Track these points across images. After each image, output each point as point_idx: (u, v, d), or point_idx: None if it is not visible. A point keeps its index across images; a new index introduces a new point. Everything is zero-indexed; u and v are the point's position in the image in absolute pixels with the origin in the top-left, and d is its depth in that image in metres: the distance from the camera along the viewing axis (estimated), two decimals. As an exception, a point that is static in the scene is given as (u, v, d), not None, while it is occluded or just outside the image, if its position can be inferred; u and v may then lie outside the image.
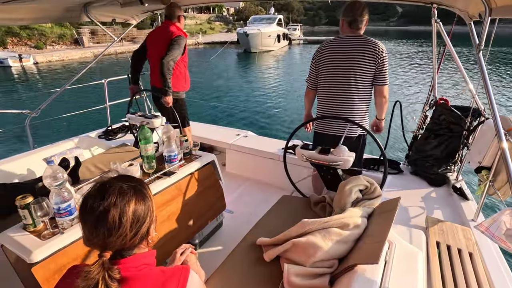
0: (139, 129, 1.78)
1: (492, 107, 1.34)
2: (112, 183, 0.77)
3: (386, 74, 1.97)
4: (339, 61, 1.99)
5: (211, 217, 2.11)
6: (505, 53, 21.55)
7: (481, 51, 1.44)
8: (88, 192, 0.77)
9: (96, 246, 0.75)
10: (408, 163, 2.70)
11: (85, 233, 0.75)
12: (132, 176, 0.84)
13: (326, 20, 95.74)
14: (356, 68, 1.95)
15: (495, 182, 1.77)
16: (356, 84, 1.98)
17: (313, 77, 2.15)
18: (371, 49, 1.91)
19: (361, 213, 1.38)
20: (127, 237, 0.75)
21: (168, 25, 2.77)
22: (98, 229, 0.72)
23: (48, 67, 18.59)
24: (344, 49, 1.97)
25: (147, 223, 0.80)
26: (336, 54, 1.99)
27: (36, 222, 1.29)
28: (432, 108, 2.63)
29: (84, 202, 0.75)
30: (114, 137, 3.38)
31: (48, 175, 1.23)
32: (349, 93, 2.01)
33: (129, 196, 0.76)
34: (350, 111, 2.04)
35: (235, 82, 13.92)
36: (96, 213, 0.72)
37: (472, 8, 1.80)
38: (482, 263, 1.48)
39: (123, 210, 0.74)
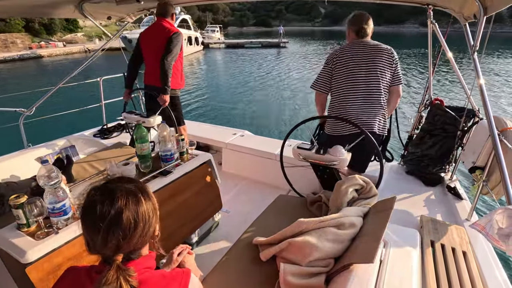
0: (135, 128, 1.77)
1: (486, 107, 1.36)
2: (117, 185, 0.75)
3: (400, 74, 2.10)
4: (359, 64, 2.03)
5: (207, 216, 2.10)
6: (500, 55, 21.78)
7: (475, 52, 1.46)
8: (91, 198, 0.73)
9: (109, 251, 0.72)
10: (403, 163, 2.72)
11: (95, 241, 0.71)
12: (129, 177, 0.84)
13: (254, 20, 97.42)
14: (378, 71, 2.02)
15: (488, 182, 1.79)
16: (378, 85, 2.04)
17: (327, 80, 2.14)
18: (387, 53, 2.03)
19: (357, 213, 1.39)
20: (140, 238, 0.74)
21: (162, 23, 2.74)
22: (113, 233, 0.70)
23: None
24: (363, 52, 2.03)
25: (155, 222, 0.80)
26: (355, 57, 2.03)
27: (30, 222, 1.27)
28: (427, 108, 2.65)
29: (90, 210, 0.71)
30: (110, 136, 3.35)
31: (42, 175, 1.21)
32: (371, 95, 2.05)
33: (138, 196, 0.75)
34: (371, 112, 2.07)
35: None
36: (109, 218, 0.69)
37: (467, 9, 1.82)
38: (475, 262, 1.50)
39: (135, 210, 0.73)
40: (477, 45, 1.47)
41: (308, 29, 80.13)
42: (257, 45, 32.91)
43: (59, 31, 32.53)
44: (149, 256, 0.81)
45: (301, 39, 45.78)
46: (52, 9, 2.55)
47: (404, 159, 2.71)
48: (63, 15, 2.77)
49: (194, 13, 62.82)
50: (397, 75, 2.08)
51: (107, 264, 0.72)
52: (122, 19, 3.20)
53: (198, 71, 17.55)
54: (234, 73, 16.43)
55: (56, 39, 30.78)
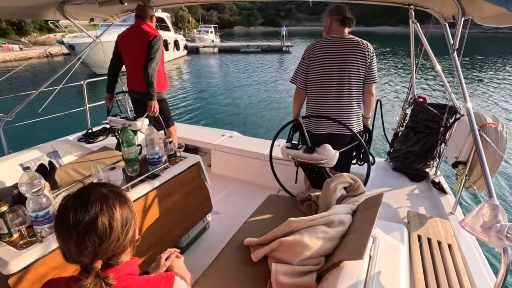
0: (121, 132, 1.74)
1: (466, 104, 1.40)
2: (91, 191, 0.73)
3: (375, 72, 2.04)
4: (333, 61, 1.99)
5: (197, 219, 2.08)
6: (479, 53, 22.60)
7: (455, 51, 1.51)
8: (63, 205, 0.71)
9: (86, 259, 0.70)
10: (389, 160, 2.78)
11: (70, 249, 0.69)
12: (104, 182, 0.82)
13: (262, 20, 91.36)
14: (350, 68, 1.98)
15: (471, 176, 1.86)
16: (349, 83, 2.01)
17: (304, 76, 2.11)
18: (361, 48, 1.97)
19: (346, 210, 1.41)
20: (118, 243, 0.72)
21: (141, 25, 2.68)
22: (89, 239, 0.68)
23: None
24: (337, 49, 1.98)
25: (133, 226, 0.78)
26: (329, 53, 2.00)
27: (12, 231, 1.23)
28: (411, 106, 2.72)
29: (62, 218, 0.69)
30: (95, 140, 3.28)
31: (24, 182, 1.17)
32: (343, 93, 2.02)
33: (113, 200, 0.74)
34: (345, 110, 2.05)
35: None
36: (82, 224, 0.68)
37: (447, 10, 1.88)
38: (460, 254, 1.55)
39: (111, 214, 0.71)
40: (456, 44, 1.52)
41: (320, 30, 74.94)
42: (255, 49, 27.17)
43: (33, 31, 28.81)
44: (130, 262, 0.79)
45: (311, 40, 39.88)
46: (33, 11, 2.47)
47: (390, 156, 2.77)
48: (44, 17, 2.69)
49: (196, 12, 59.15)
50: (371, 73, 2.02)
51: (86, 272, 0.70)
52: (105, 21, 3.13)
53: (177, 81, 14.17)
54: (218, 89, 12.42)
55: (28, 40, 27.11)
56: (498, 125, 1.79)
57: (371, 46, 2.00)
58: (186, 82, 14.23)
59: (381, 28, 72.72)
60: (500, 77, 13.95)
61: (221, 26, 76.82)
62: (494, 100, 9.92)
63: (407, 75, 14.02)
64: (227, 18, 76.61)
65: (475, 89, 11.55)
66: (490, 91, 11.26)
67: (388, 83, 12.62)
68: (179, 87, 13.08)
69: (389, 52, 24.23)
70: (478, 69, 15.98)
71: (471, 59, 19.40)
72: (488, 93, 10.95)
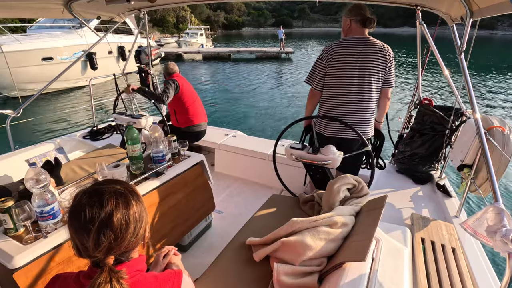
0: (125, 129, 1.75)
1: (473, 107, 1.39)
2: (105, 187, 0.74)
3: (393, 77, 1.99)
4: (354, 63, 1.92)
5: (200, 217, 2.09)
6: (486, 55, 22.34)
7: (462, 53, 1.49)
8: (78, 201, 0.72)
9: (100, 254, 0.71)
10: (394, 161, 2.76)
11: (85, 245, 0.70)
12: (116, 179, 0.83)
13: (273, 20, 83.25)
14: (372, 71, 1.92)
15: (476, 180, 1.83)
16: (370, 87, 1.95)
17: (321, 77, 2.02)
18: (383, 52, 1.91)
19: (349, 212, 1.40)
20: (132, 239, 0.73)
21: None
22: (105, 235, 0.69)
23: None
24: (359, 51, 1.91)
25: (145, 222, 0.79)
26: (350, 55, 1.92)
27: (18, 227, 1.24)
28: (416, 108, 2.70)
29: (78, 213, 0.70)
30: (100, 138, 3.31)
31: (30, 177, 1.19)
32: (364, 97, 1.97)
33: (127, 196, 0.75)
34: (363, 114, 2.00)
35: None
36: (99, 220, 0.69)
37: (455, 11, 1.86)
38: (464, 258, 1.54)
39: (126, 211, 0.73)
40: (463, 46, 1.50)
41: (335, 31, 68.14)
42: (247, 55, 22.05)
43: None
44: (140, 259, 0.80)
45: (324, 42, 35.10)
46: (40, 9, 2.49)
47: (395, 158, 2.75)
48: (51, 16, 2.71)
49: (203, 12, 55.49)
50: (389, 77, 1.98)
51: (97, 268, 0.71)
52: (112, 19, 3.16)
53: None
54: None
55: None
56: (505, 129, 1.77)
57: (391, 50, 1.95)
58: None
59: (401, 30, 70.16)
60: (507, 79, 13.78)
61: (229, 27, 72.02)
62: (501, 103, 9.80)
63: (413, 77, 13.92)
64: (235, 19, 71.84)
65: (482, 91, 11.42)
66: (497, 93, 11.13)
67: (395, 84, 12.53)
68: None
69: (401, 53, 23.78)
70: (485, 71, 15.80)
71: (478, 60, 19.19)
72: (495, 95, 10.82)
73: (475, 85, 12.29)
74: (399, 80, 13.33)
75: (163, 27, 37.95)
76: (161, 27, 40.98)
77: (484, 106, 9.34)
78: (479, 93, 11.02)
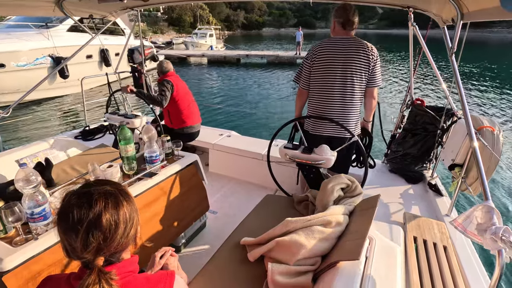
0: (118, 129, 1.73)
1: (464, 107, 1.41)
2: (94, 188, 0.73)
3: (378, 76, 2.02)
4: (337, 62, 1.96)
5: (194, 218, 2.08)
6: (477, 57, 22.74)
7: (453, 54, 1.52)
8: (67, 202, 0.71)
9: (89, 255, 0.70)
10: (386, 161, 2.79)
11: (73, 246, 0.69)
12: (106, 179, 0.82)
13: (295, 21, 77.68)
14: (353, 70, 1.95)
15: (467, 179, 1.87)
16: (352, 85, 1.98)
17: (307, 76, 2.10)
18: (366, 51, 1.94)
19: (343, 211, 1.41)
20: (122, 239, 0.73)
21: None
22: (93, 235, 0.68)
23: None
24: (341, 50, 1.96)
25: (136, 223, 0.78)
26: (333, 54, 1.97)
27: (7, 228, 1.22)
28: (409, 108, 2.73)
29: (66, 214, 0.69)
30: (92, 138, 3.26)
31: (20, 178, 1.16)
32: (346, 94, 2.00)
33: (117, 197, 0.74)
34: (347, 112, 2.04)
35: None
36: (87, 220, 0.68)
37: (446, 13, 1.89)
38: (455, 256, 1.56)
39: (115, 211, 0.72)
40: (454, 47, 1.53)
41: (359, 32, 66.08)
42: (258, 60, 19.57)
43: None
44: (131, 260, 0.79)
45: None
46: (31, 7, 2.45)
47: (387, 158, 2.79)
48: (42, 13, 2.67)
49: (222, 12, 52.79)
50: (374, 77, 2.00)
51: (87, 269, 0.70)
52: (104, 18, 3.12)
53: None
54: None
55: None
56: (494, 129, 1.80)
57: (375, 49, 1.97)
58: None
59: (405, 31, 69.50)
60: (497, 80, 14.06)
61: (248, 27, 68.26)
62: (491, 103, 10.00)
63: (406, 77, 14.09)
64: (255, 19, 67.36)
65: (473, 92, 11.63)
66: (487, 94, 11.35)
67: (387, 85, 12.67)
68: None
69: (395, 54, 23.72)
70: (476, 72, 16.09)
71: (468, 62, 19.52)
72: (485, 96, 11.04)
73: (465, 85, 12.51)
74: (392, 80, 13.49)
75: (179, 27, 35.04)
76: (177, 26, 38.53)
77: (475, 105, 9.52)
78: (470, 94, 11.23)
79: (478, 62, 20.02)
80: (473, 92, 11.59)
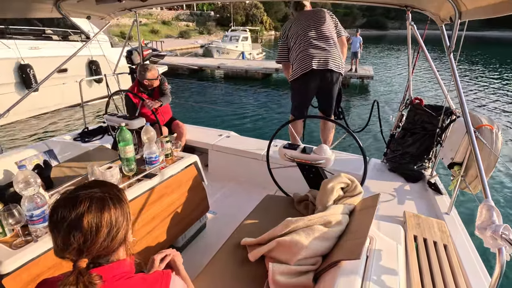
0: (117, 131, 1.73)
1: (462, 106, 1.41)
2: (82, 190, 0.75)
3: (341, 28, 2.68)
4: (309, 22, 2.55)
5: (194, 218, 2.08)
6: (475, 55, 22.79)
7: (452, 53, 1.52)
8: (56, 202, 0.74)
9: (71, 255, 0.71)
10: (386, 160, 2.79)
11: (57, 243, 0.71)
12: (104, 181, 0.82)
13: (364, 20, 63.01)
14: (324, 22, 2.56)
15: (466, 177, 1.87)
16: (327, 29, 2.56)
17: (286, 51, 2.69)
18: (325, 12, 2.61)
19: (343, 210, 1.41)
20: (105, 243, 0.72)
21: None
22: (74, 236, 0.69)
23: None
24: (308, 16, 2.60)
25: (124, 228, 0.77)
26: (304, 22, 2.56)
27: (7, 231, 1.21)
28: (407, 107, 2.74)
29: (53, 213, 0.72)
30: (91, 139, 3.25)
31: (19, 180, 1.16)
32: (323, 36, 2.53)
33: (104, 200, 0.74)
34: (326, 49, 2.50)
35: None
36: (68, 221, 0.69)
37: (444, 12, 1.90)
38: (455, 254, 1.56)
39: (98, 215, 0.72)
40: (452, 46, 1.53)
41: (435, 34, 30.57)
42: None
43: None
44: (125, 262, 0.78)
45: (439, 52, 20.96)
46: (28, 9, 2.44)
47: (387, 157, 2.79)
48: (40, 15, 2.66)
49: (279, 11, 47.07)
50: (337, 28, 2.64)
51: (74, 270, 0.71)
52: (102, 19, 3.11)
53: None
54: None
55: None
56: (493, 127, 1.81)
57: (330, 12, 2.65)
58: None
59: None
60: (495, 78, 14.10)
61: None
62: (489, 102, 10.03)
63: (404, 76, 14.12)
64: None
65: (471, 90, 11.65)
66: (485, 92, 11.38)
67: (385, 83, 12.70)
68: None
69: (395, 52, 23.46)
70: (474, 71, 16.13)
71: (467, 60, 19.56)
72: (484, 94, 11.07)
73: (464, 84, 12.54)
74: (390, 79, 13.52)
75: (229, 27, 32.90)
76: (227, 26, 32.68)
77: (473, 104, 9.54)
78: (469, 92, 11.26)
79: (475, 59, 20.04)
80: (472, 90, 11.62)
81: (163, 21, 33.83)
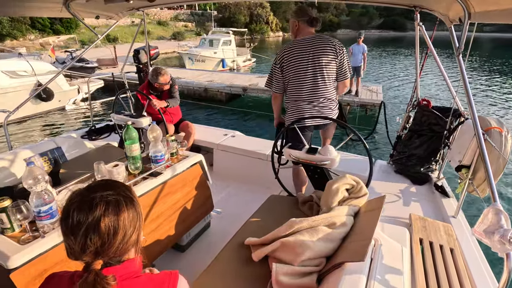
0: (124, 129, 1.74)
1: (471, 108, 1.39)
2: (97, 191, 0.73)
3: (346, 69, 2.16)
4: (306, 60, 2.09)
5: (199, 217, 2.09)
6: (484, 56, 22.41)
7: (461, 54, 1.50)
8: (68, 205, 0.72)
9: (87, 258, 0.71)
10: (392, 162, 2.77)
11: (72, 247, 0.70)
12: (115, 180, 0.82)
13: (380, 21, 59.63)
14: (322, 64, 2.08)
15: (474, 180, 1.84)
16: (323, 78, 2.12)
17: (280, 80, 2.22)
18: (331, 46, 2.08)
19: (348, 212, 1.40)
20: (121, 245, 0.72)
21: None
22: (91, 240, 0.68)
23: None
24: (309, 48, 2.08)
25: (137, 229, 0.77)
26: (302, 54, 2.09)
27: (15, 226, 1.23)
28: (414, 109, 2.70)
29: (67, 215, 0.70)
30: (98, 137, 3.29)
31: (27, 177, 1.18)
32: (318, 88, 2.14)
33: (119, 202, 0.74)
34: (321, 104, 2.18)
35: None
36: (86, 225, 0.69)
37: (453, 12, 1.87)
38: (462, 258, 1.54)
39: (115, 218, 0.71)
40: (462, 47, 1.51)
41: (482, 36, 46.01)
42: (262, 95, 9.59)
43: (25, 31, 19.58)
44: (133, 261, 0.78)
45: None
46: (38, 8, 2.48)
47: (393, 159, 2.76)
48: (50, 14, 2.70)
49: (288, 10, 41.38)
50: (342, 70, 2.14)
51: (86, 271, 0.70)
52: (110, 18, 3.15)
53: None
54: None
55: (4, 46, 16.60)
56: (502, 130, 1.77)
57: (341, 44, 2.11)
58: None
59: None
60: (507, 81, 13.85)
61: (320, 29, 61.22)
62: (499, 104, 9.85)
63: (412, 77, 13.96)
64: (329, 18, 53.50)
65: (480, 92, 11.47)
66: (496, 94, 11.19)
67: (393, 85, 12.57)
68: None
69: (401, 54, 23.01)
70: (483, 72, 15.87)
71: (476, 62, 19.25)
72: (494, 96, 10.88)
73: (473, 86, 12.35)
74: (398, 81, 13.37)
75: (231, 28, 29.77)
76: (229, 27, 33.01)
77: (482, 106, 9.39)
78: (477, 94, 11.08)
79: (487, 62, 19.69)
80: (481, 92, 11.44)
81: (158, 22, 31.53)
